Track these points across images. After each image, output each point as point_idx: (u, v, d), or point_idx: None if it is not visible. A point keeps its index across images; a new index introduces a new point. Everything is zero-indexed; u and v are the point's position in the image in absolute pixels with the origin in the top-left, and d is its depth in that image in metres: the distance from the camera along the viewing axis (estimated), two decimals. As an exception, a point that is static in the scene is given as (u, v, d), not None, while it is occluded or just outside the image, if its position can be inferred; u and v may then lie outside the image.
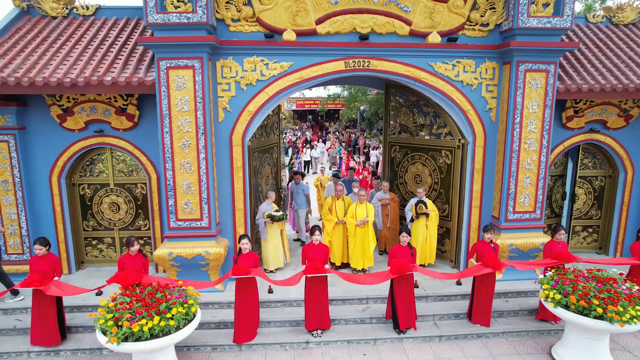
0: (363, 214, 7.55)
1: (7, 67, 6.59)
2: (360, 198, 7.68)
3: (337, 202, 7.84)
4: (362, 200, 7.68)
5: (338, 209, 7.77)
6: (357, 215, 7.59)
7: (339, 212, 7.78)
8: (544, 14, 6.72)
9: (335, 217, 7.76)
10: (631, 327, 5.14)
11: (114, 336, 4.66)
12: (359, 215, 7.58)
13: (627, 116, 7.96)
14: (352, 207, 7.71)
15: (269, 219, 7.60)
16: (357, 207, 7.64)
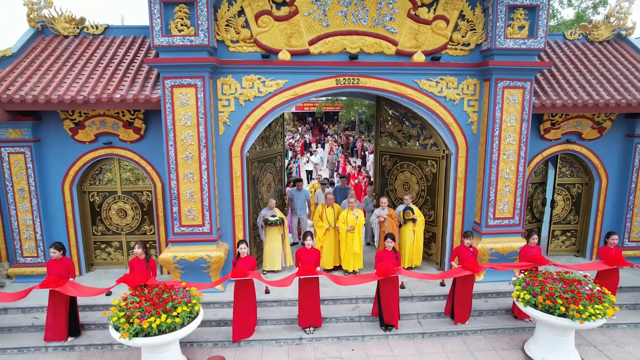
0: (353, 220, 8.11)
1: (25, 85, 7.16)
2: (350, 204, 8.24)
3: (327, 210, 8.37)
4: (352, 207, 8.24)
5: (329, 216, 8.31)
6: (348, 221, 8.14)
7: (329, 219, 8.32)
8: (520, 35, 7.28)
9: (326, 224, 8.30)
10: (591, 324, 5.70)
11: (126, 332, 5.22)
12: (349, 221, 8.13)
13: (600, 128, 8.51)
14: (344, 214, 8.26)
15: (263, 222, 8.20)
16: (347, 213, 8.20)
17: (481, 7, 7.50)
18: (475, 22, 7.55)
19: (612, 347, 6.67)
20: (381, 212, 8.49)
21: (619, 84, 8.14)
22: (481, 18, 7.52)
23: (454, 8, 7.44)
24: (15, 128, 7.51)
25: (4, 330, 6.82)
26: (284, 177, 10.15)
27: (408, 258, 8.44)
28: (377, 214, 8.60)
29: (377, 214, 8.56)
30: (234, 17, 7.20)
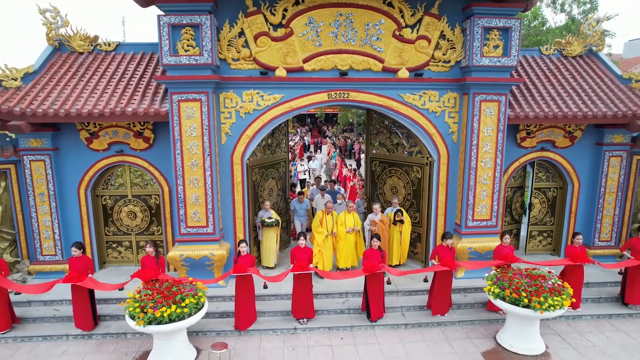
0: (351, 222, 8.81)
1: (46, 100, 7.90)
2: (349, 208, 8.92)
3: (327, 217, 8.90)
4: (350, 210, 8.92)
5: (328, 223, 8.83)
6: (346, 223, 8.83)
7: (328, 226, 8.83)
8: (495, 54, 8.02)
9: (326, 230, 8.82)
10: (550, 314, 6.45)
11: (141, 320, 5.97)
12: (347, 223, 8.82)
13: (571, 137, 9.25)
14: (342, 216, 8.91)
15: (260, 223, 8.95)
16: (345, 216, 8.89)
17: (460, 27, 8.24)
18: (455, 41, 8.29)
19: (575, 335, 7.41)
20: (374, 217, 9.05)
21: (587, 97, 8.88)
22: (460, 38, 8.27)
23: (436, 29, 8.18)
24: (37, 138, 8.25)
25: (29, 320, 7.58)
26: (288, 182, 10.84)
27: (395, 256, 9.18)
28: (370, 218, 9.15)
29: (370, 219, 9.11)
30: (235, 37, 7.95)
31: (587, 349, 7.00)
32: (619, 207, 9.49)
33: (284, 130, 10.26)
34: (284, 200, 10.59)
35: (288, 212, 10.74)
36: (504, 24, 7.90)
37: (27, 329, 7.42)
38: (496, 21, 7.87)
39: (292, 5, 7.83)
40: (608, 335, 7.42)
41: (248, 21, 7.85)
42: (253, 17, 7.84)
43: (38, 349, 7.00)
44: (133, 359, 6.78)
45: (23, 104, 7.67)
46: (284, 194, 10.57)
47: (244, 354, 6.86)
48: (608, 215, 9.51)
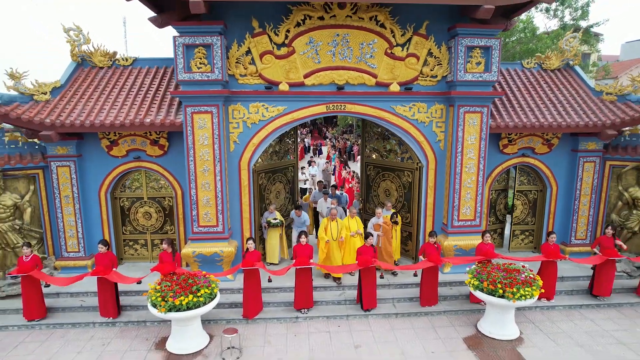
0: (355, 226, 9.42)
1: (72, 112, 8.78)
2: (352, 214, 9.65)
3: (332, 223, 9.27)
4: (353, 215, 9.63)
5: (332, 230, 9.20)
6: (350, 227, 9.44)
7: (333, 232, 9.20)
8: (477, 70, 8.88)
9: (329, 237, 9.13)
10: (522, 303, 7.33)
11: (163, 307, 6.84)
12: (351, 227, 9.44)
13: (549, 144, 10.12)
14: (346, 221, 9.54)
15: (266, 223, 9.80)
16: (349, 221, 9.61)
17: (446, 46, 9.10)
18: (441, 58, 9.16)
19: (547, 323, 8.28)
20: (377, 221, 9.54)
21: (562, 108, 9.76)
22: (446, 55, 9.13)
23: (424, 47, 9.05)
24: (63, 146, 9.12)
25: (59, 310, 8.46)
26: (296, 185, 11.64)
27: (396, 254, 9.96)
28: (373, 222, 9.68)
29: (374, 223, 9.57)
30: (242, 55, 8.82)
31: (556, 334, 7.87)
32: (593, 208, 10.35)
33: (293, 138, 11.09)
34: (292, 202, 11.41)
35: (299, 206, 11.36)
36: (485, 43, 8.76)
37: (57, 317, 8.30)
38: (478, 40, 8.73)
39: (294, 26, 8.70)
40: (576, 323, 8.30)
41: (254, 41, 8.72)
42: (259, 37, 8.71)
43: (69, 335, 7.88)
44: (153, 343, 7.65)
45: (53, 116, 8.54)
46: (291, 196, 11.39)
47: (252, 339, 7.73)
48: (583, 215, 10.37)
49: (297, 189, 11.81)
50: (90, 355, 7.27)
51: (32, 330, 8.01)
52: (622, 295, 9.17)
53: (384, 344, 7.63)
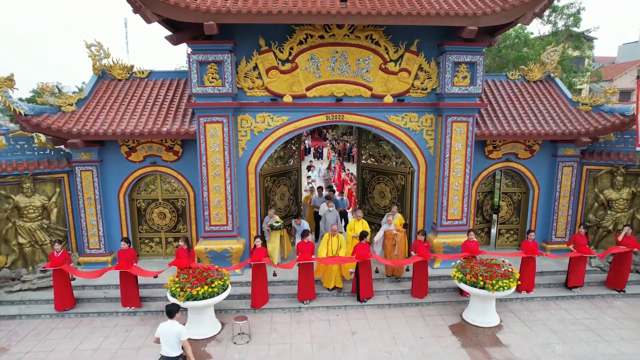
0: (360, 229, 10.04)
1: (96, 122, 9.68)
2: (358, 217, 10.40)
3: (332, 239, 9.51)
4: (359, 219, 10.39)
5: (333, 245, 9.49)
6: (355, 229, 10.21)
7: (333, 247, 9.45)
8: (463, 83, 9.78)
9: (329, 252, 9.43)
10: (500, 293, 8.24)
11: (182, 297, 7.75)
12: (356, 229, 10.19)
13: (531, 150, 11.02)
14: (351, 223, 10.32)
15: (269, 227, 10.57)
16: (355, 223, 10.30)
17: (435, 61, 10.01)
18: (431, 72, 10.06)
19: (525, 312, 9.19)
20: (389, 228, 9.98)
21: (542, 117, 10.66)
22: (435, 70, 10.04)
23: (415, 63, 9.95)
24: (86, 152, 10.01)
25: (85, 300, 9.37)
26: (300, 188, 12.53)
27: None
28: (384, 229, 10.06)
29: (385, 230, 10.03)
30: (250, 71, 9.72)
31: (532, 322, 8.77)
32: (572, 209, 11.26)
33: (297, 144, 11.99)
34: (295, 203, 12.31)
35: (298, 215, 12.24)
36: (471, 59, 9.66)
37: (84, 307, 9.21)
38: (464, 57, 9.63)
39: (297, 44, 9.60)
40: (552, 312, 9.20)
41: (261, 58, 9.63)
42: (265, 54, 9.61)
43: (95, 322, 8.80)
44: (171, 330, 8.54)
45: (79, 126, 9.45)
46: (295, 198, 12.30)
47: (260, 326, 8.64)
48: (562, 215, 11.28)
49: (300, 191, 12.71)
50: (117, 339, 8.18)
51: (63, 318, 8.92)
52: (595, 287, 10.07)
53: (377, 330, 8.53)
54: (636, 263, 10.48)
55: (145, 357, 7.61)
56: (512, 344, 8.02)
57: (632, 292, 9.87)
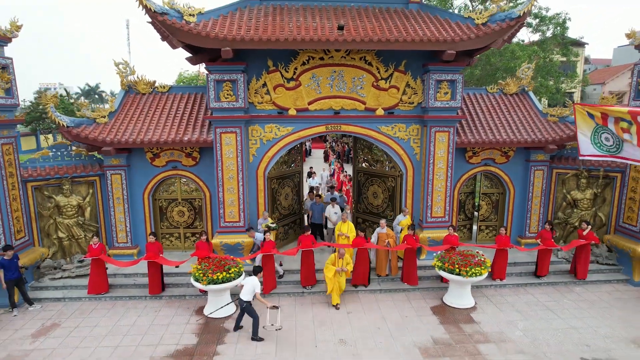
0: (345, 229, 11.38)
1: (125, 132, 11.16)
2: (344, 219, 11.87)
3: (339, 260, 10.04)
4: (345, 220, 11.86)
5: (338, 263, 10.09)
6: (342, 229, 11.42)
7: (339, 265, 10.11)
8: (445, 98, 11.24)
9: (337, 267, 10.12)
10: (473, 279, 9.72)
11: (204, 280, 9.22)
12: (342, 229, 11.45)
13: (507, 156, 12.49)
14: (339, 225, 11.80)
15: (267, 228, 11.59)
16: (341, 225, 11.72)
17: (420, 79, 11.48)
18: (417, 88, 11.53)
19: (497, 297, 10.66)
20: (381, 231, 11.13)
21: (515, 127, 12.14)
22: (420, 86, 11.51)
23: (403, 80, 11.43)
24: (116, 158, 11.48)
25: (117, 286, 10.85)
26: (301, 189, 14.03)
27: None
28: (378, 232, 11.21)
29: (378, 232, 11.17)
30: (260, 88, 11.20)
31: (502, 304, 10.25)
32: (543, 208, 12.73)
33: (299, 150, 13.48)
34: (297, 202, 13.80)
35: (300, 213, 13.75)
36: (451, 77, 11.12)
37: (116, 292, 10.69)
38: (445, 75, 11.09)
39: (301, 65, 11.08)
40: (520, 296, 10.68)
41: (269, 77, 11.11)
42: (273, 73, 11.10)
43: (128, 304, 10.28)
44: (193, 310, 10.03)
45: (111, 135, 10.94)
46: (297, 197, 13.81)
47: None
48: (535, 213, 12.74)
49: (302, 192, 14.20)
50: (148, 318, 9.66)
51: (100, 301, 10.40)
52: (560, 276, 11.55)
53: (369, 311, 10.00)
54: (597, 255, 11.96)
55: (174, 331, 9.08)
56: (482, 321, 9.49)
57: (591, 280, 11.35)
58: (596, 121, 8.22)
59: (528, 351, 8.34)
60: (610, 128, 7.84)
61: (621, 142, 7.70)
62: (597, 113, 8.17)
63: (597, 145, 8.36)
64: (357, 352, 8.35)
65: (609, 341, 8.62)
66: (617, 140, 7.80)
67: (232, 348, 8.46)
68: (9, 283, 9.51)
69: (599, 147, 8.39)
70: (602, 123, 8.04)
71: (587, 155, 8.88)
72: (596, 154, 8.58)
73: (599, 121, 8.14)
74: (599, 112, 8.10)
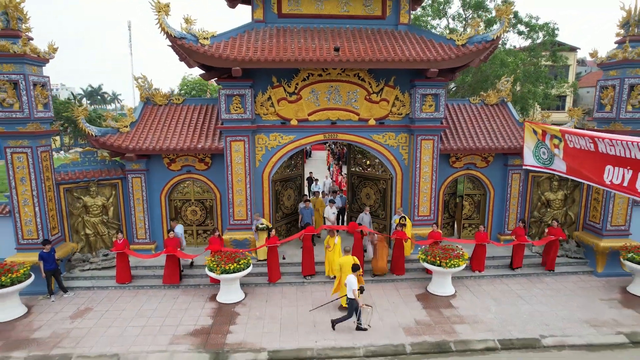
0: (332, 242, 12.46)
1: (145, 140, 12.57)
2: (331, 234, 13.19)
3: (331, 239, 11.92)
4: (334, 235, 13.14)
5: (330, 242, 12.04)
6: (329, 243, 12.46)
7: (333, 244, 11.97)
8: (430, 110, 12.64)
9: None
10: (452, 270, 11.12)
11: (218, 270, 10.63)
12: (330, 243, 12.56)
13: (487, 160, 13.89)
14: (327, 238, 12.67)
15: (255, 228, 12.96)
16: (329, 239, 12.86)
17: (408, 93, 12.88)
18: (405, 101, 12.94)
19: (475, 286, 12.06)
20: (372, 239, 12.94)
21: (494, 134, 13.54)
22: (408, 99, 12.91)
23: (392, 94, 12.83)
24: (137, 163, 12.89)
25: (138, 277, 12.25)
26: (302, 190, 15.45)
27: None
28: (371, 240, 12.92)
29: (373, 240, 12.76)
30: (265, 101, 12.61)
31: (479, 292, 11.65)
32: (520, 207, 14.11)
33: (300, 155, 14.90)
34: (299, 203, 15.16)
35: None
36: (435, 91, 12.52)
37: (138, 282, 12.10)
38: (430, 90, 12.49)
39: (301, 81, 12.49)
40: (495, 286, 12.07)
41: (273, 91, 12.53)
42: (277, 88, 12.51)
43: (149, 293, 11.68)
44: (207, 298, 11.42)
45: (133, 143, 12.35)
46: (299, 198, 15.21)
47: (273, 295, 11.51)
48: (513, 212, 14.13)
49: (303, 193, 15.61)
50: (168, 303, 11.06)
51: (124, 290, 11.81)
52: (533, 268, 12.95)
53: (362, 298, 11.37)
54: (566, 250, 13.37)
55: (191, 314, 10.48)
56: (460, 307, 10.89)
57: (560, 271, 12.76)
58: (538, 137, 9.65)
59: (496, 330, 9.75)
60: (546, 144, 9.24)
61: (553, 156, 9.09)
62: (539, 130, 9.60)
63: (537, 157, 9.76)
64: (350, 331, 9.74)
65: (566, 321, 10.02)
66: (550, 154, 9.20)
67: (243, 327, 9.86)
68: (47, 273, 10.91)
69: (537, 159, 9.81)
70: (541, 139, 9.44)
71: (529, 165, 10.30)
72: (535, 165, 10.00)
73: (540, 137, 9.56)
74: (540, 129, 9.53)
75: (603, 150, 7.13)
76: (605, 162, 7.07)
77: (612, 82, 11.94)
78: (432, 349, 9.16)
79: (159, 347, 9.08)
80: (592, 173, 7.49)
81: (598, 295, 11.44)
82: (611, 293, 11.58)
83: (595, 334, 9.52)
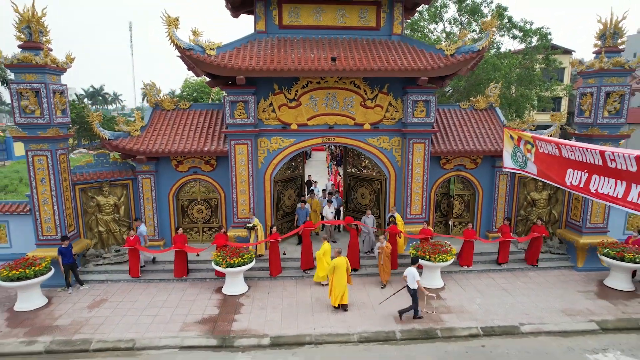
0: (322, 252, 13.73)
1: (155, 143, 13.44)
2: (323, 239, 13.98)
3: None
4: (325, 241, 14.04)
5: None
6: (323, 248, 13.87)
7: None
8: (421, 115, 13.51)
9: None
10: (441, 264, 11.99)
11: (223, 264, 11.49)
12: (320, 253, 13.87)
13: (475, 162, 14.75)
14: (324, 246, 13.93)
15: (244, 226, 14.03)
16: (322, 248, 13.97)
17: (401, 99, 13.75)
18: (398, 107, 13.81)
19: (464, 280, 12.92)
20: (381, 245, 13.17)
21: (482, 138, 14.40)
22: (400, 105, 13.78)
23: (386, 100, 13.70)
24: (147, 164, 13.75)
25: (149, 271, 13.12)
26: (303, 190, 16.34)
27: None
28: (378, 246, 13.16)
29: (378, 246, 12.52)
30: (267, 106, 13.48)
31: (466, 285, 12.52)
32: (507, 206, 14.97)
33: (300, 157, 15.77)
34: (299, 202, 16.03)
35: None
36: (426, 98, 13.39)
37: (149, 275, 12.96)
38: (421, 96, 13.35)
39: (301, 88, 13.37)
40: (482, 280, 12.94)
41: (275, 97, 13.40)
42: (278, 95, 13.39)
43: (159, 285, 12.55)
44: (213, 290, 12.28)
45: (144, 146, 13.22)
46: (299, 198, 16.06)
47: (275, 288, 12.37)
48: (500, 211, 14.99)
49: (303, 193, 16.48)
50: (177, 295, 11.93)
51: (136, 283, 12.68)
52: (518, 263, 13.81)
53: (357, 290, 12.25)
54: (550, 246, 14.24)
55: (199, 304, 11.35)
56: (448, 298, 11.76)
57: (543, 266, 13.63)
58: (514, 142, 10.53)
59: (480, 319, 10.61)
60: (521, 148, 10.10)
61: (526, 160, 9.98)
62: (515, 136, 10.48)
63: (514, 160, 10.63)
64: (345, 319, 10.61)
65: (544, 311, 10.89)
66: (524, 158, 10.09)
67: (247, 316, 10.73)
68: (65, 267, 11.78)
69: (514, 162, 10.68)
70: (517, 144, 10.31)
71: (508, 168, 11.18)
72: (513, 167, 10.88)
73: (516, 143, 10.44)
74: (517, 135, 10.41)
75: (566, 155, 8.00)
76: (568, 166, 7.93)
77: (590, 89, 12.81)
78: (420, 335, 10.02)
79: (171, 333, 9.95)
80: (556, 175, 8.35)
81: (576, 288, 12.31)
82: (588, 286, 12.45)
83: (569, 322, 10.39)
